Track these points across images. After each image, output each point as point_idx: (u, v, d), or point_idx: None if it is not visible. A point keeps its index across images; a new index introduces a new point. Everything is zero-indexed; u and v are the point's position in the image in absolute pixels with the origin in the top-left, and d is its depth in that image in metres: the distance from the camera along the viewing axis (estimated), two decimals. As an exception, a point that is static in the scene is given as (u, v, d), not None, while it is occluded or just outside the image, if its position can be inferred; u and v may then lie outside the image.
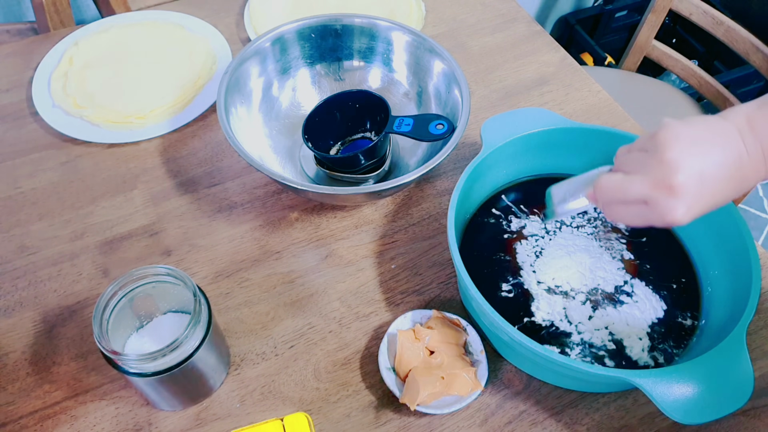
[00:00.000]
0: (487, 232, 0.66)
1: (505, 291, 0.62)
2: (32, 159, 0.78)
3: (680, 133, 0.44)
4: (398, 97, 0.80)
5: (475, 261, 0.63)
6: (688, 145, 0.43)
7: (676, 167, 0.43)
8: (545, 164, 0.70)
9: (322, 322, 0.64)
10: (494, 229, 0.67)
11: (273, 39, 0.76)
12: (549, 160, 0.70)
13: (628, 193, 0.46)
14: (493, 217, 0.68)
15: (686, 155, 0.43)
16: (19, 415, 0.58)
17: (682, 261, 0.64)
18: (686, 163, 0.43)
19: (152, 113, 0.81)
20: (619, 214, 0.48)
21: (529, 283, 0.62)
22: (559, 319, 0.60)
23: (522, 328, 0.60)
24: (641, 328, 0.59)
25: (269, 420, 0.50)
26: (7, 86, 0.86)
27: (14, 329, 0.63)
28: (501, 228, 0.67)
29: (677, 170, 0.43)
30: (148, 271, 0.53)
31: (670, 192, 0.43)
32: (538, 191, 0.70)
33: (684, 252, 0.65)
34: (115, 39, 0.91)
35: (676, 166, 0.43)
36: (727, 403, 0.47)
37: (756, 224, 1.71)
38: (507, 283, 0.62)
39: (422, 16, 0.96)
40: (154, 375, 0.50)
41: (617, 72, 1.34)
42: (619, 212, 0.48)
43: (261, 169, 0.64)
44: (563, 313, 0.60)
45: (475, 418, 0.58)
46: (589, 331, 0.59)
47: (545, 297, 0.61)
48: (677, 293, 0.62)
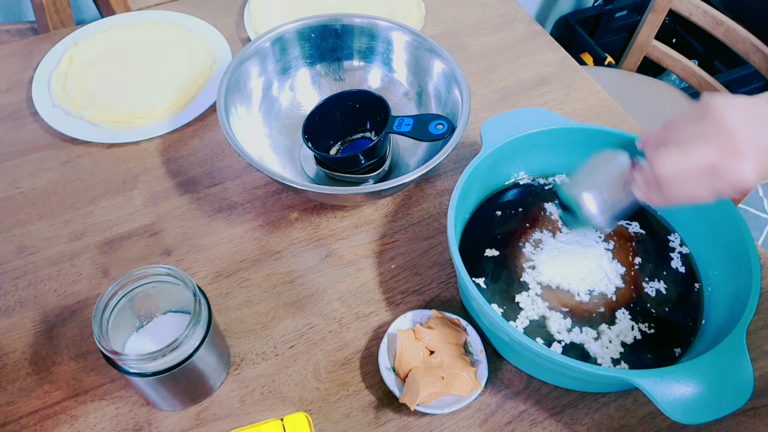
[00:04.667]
0: (487, 232, 0.66)
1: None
2: (32, 159, 0.78)
3: (733, 102, 0.45)
4: (398, 97, 0.80)
5: (475, 261, 0.64)
6: (743, 114, 0.44)
7: (739, 130, 0.43)
8: (545, 164, 0.70)
9: (322, 322, 0.64)
10: (494, 228, 0.66)
11: (273, 39, 0.76)
12: (549, 160, 0.70)
13: (693, 162, 0.45)
14: (493, 217, 0.67)
15: (744, 122, 0.44)
16: (19, 415, 0.58)
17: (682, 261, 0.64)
18: (747, 129, 0.43)
19: (152, 113, 0.81)
20: (684, 190, 0.46)
21: (530, 282, 0.62)
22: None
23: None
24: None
25: (269, 420, 0.50)
26: (7, 86, 0.86)
27: (14, 329, 0.63)
28: (501, 228, 0.67)
29: (740, 133, 0.43)
30: (148, 271, 0.53)
31: (737, 154, 0.43)
32: (538, 191, 0.70)
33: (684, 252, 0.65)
34: (115, 39, 0.91)
35: (737, 130, 0.43)
36: (727, 403, 0.47)
37: (756, 224, 1.71)
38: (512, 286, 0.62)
39: (422, 16, 0.96)
40: (154, 375, 0.50)
41: (617, 72, 1.34)
42: (683, 187, 0.46)
43: (261, 169, 0.64)
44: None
45: (475, 418, 0.58)
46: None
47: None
48: (677, 293, 0.62)
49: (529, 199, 0.69)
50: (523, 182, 0.71)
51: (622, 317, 0.60)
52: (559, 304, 0.61)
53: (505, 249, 0.65)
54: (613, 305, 0.61)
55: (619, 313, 0.60)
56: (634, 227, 0.67)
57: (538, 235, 0.66)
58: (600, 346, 0.58)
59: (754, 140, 0.43)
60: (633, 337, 0.59)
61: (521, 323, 0.59)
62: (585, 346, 0.58)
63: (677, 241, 0.66)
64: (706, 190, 0.46)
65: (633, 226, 0.67)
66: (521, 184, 0.71)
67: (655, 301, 0.61)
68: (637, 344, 0.58)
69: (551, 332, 0.59)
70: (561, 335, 0.58)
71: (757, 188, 1.80)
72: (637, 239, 0.66)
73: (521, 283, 0.62)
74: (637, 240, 0.66)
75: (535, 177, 0.71)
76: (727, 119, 0.44)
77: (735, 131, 0.43)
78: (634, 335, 0.59)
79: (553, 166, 0.70)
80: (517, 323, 0.59)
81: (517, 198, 0.69)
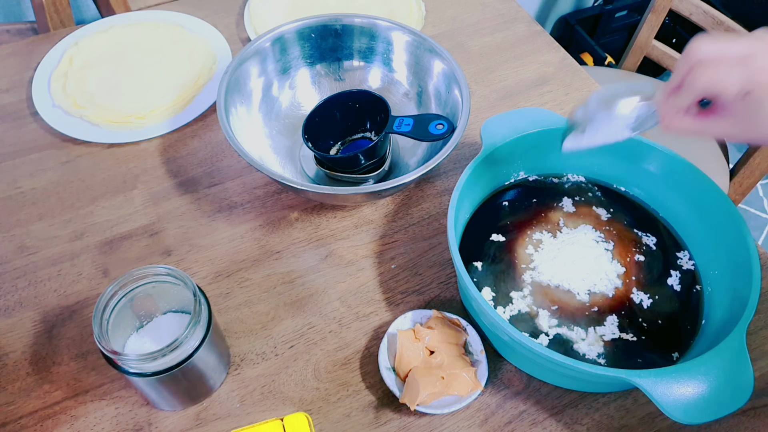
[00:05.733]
0: (487, 232, 0.66)
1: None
2: (32, 159, 0.78)
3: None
4: (398, 97, 0.80)
5: (475, 260, 0.64)
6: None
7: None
8: (545, 164, 0.70)
9: (322, 322, 0.64)
10: (494, 228, 0.66)
11: (273, 39, 0.76)
12: (549, 160, 0.70)
13: (732, 46, 0.43)
14: (494, 217, 0.67)
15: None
16: (19, 415, 0.58)
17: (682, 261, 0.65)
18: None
19: (152, 113, 0.81)
20: (714, 74, 0.43)
21: (530, 282, 0.62)
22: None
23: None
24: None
25: (269, 420, 0.50)
26: (7, 86, 0.86)
27: (14, 329, 0.63)
28: (501, 228, 0.67)
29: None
30: (148, 271, 0.53)
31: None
32: (538, 191, 0.70)
33: (683, 251, 0.65)
34: (115, 39, 0.91)
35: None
36: (727, 403, 0.47)
37: (756, 224, 1.71)
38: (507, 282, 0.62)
39: (422, 16, 0.96)
40: (154, 375, 0.50)
41: (617, 72, 1.34)
42: (714, 71, 0.43)
43: (261, 169, 0.64)
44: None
45: (475, 418, 0.58)
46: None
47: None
48: (677, 293, 0.62)
49: (529, 200, 0.69)
50: (523, 182, 0.71)
51: (620, 317, 0.60)
52: (554, 302, 0.60)
53: (505, 248, 0.65)
54: (611, 305, 0.61)
55: (616, 313, 0.60)
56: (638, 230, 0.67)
57: (538, 235, 0.66)
58: (587, 345, 0.58)
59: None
60: (630, 338, 0.59)
61: (510, 312, 0.60)
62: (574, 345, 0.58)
63: (677, 241, 0.66)
64: (736, 77, 0.42)
65: (630, 223, 0.67)
66: (521, 184, 0.71)
67: (654, 301, 0.61)
68: (635, 345, 0.58)
69: (540, 327, 0.59)
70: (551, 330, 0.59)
71: (756, 188, 1.80)
72: (639, 241, 0.66)
73: (520, 280, 0.62)
74: (638, 241, 0.66)
75: (535, 177, 0.71)
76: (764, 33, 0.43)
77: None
78: (632, 336, 0.59)
79: (553, 166, 0.70)
80: (506, 311, 0.60)
81: (517, 198, 0.69)
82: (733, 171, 1.18)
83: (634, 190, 0.69)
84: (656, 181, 0.67)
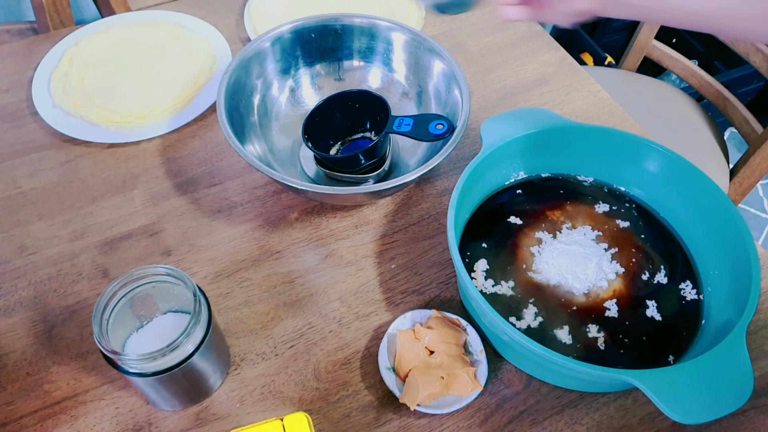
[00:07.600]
0: (486, 232, 0.66)
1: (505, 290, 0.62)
2: (32, 159, 0.78)
3: None
4: (398, 97, 0.80)
5: (475, 260, 0.64)
6: None
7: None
8: (545, 164, 0.70)
9: (322, 322, 0.64)
10: (494, 228, 0.66)
11: (273, 39, 0.76)
12: (549, 160, 0.70)
13: None
14: (494, 217, 0.67)
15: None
16: (19, 415, 0.58)
17: (681, 261, 0.64)
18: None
19: (152, 113, 0.81)
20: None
21: (530, 282, 0.62)
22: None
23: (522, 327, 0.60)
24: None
25: (269, 420, 0.50)
26: (7, 86, 0.86)
27: (14, 329, 0.63)
28: (501, 228, 0.67)
29: None
30: (148, 271, 0.52)
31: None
32: (538, 191, 0.70)
33: (684, 252, 0.65)
34: (115, 39, 0.91)
35: None
36: (727, 403, 0.47)
37: (756, 224, 1.71)
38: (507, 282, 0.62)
39: (422, 16, 0.96)
40: (154, 375, 0.50)
41: (617, 72, 1.34)
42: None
43: (261, 169, 0.64)
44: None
45: (475, 418, 0.58)
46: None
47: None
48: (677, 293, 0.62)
49: (529, 200, 0.69)
50: (523, 182, 0.71)
51: (620, 317, 0.60)
52: (554, 302, 0.60)
53: (505, 248, 0.65)
54: (610, 305, 0.61)
55: (615, 312, 0.60)
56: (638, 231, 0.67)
57: (538, 235, 0.66)
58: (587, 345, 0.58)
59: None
60: (628, 339, 0.59)
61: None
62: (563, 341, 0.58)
63: (677, 241, 0.66)
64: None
65: (630, 224, 0.67)
66: (521, 184, 0.70)
67: (653, 302, 0.61)
68: (634, 346, 0.58)
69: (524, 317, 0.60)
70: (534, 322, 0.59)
71: (757, 188, 1.80)
72: (638, 241, 0.66)
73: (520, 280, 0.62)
74: (639, 242, 0.66)
75: (535, 177, 0.71)
76: None
77: None
78: (630, 337, 0.59)
79: (553, 166, 0.70)
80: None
81: (516, 198, 0.69)
82: (733, 171, 1.18)
83: (634, 190, 0.69)
84: (656, 181, 0.67)
